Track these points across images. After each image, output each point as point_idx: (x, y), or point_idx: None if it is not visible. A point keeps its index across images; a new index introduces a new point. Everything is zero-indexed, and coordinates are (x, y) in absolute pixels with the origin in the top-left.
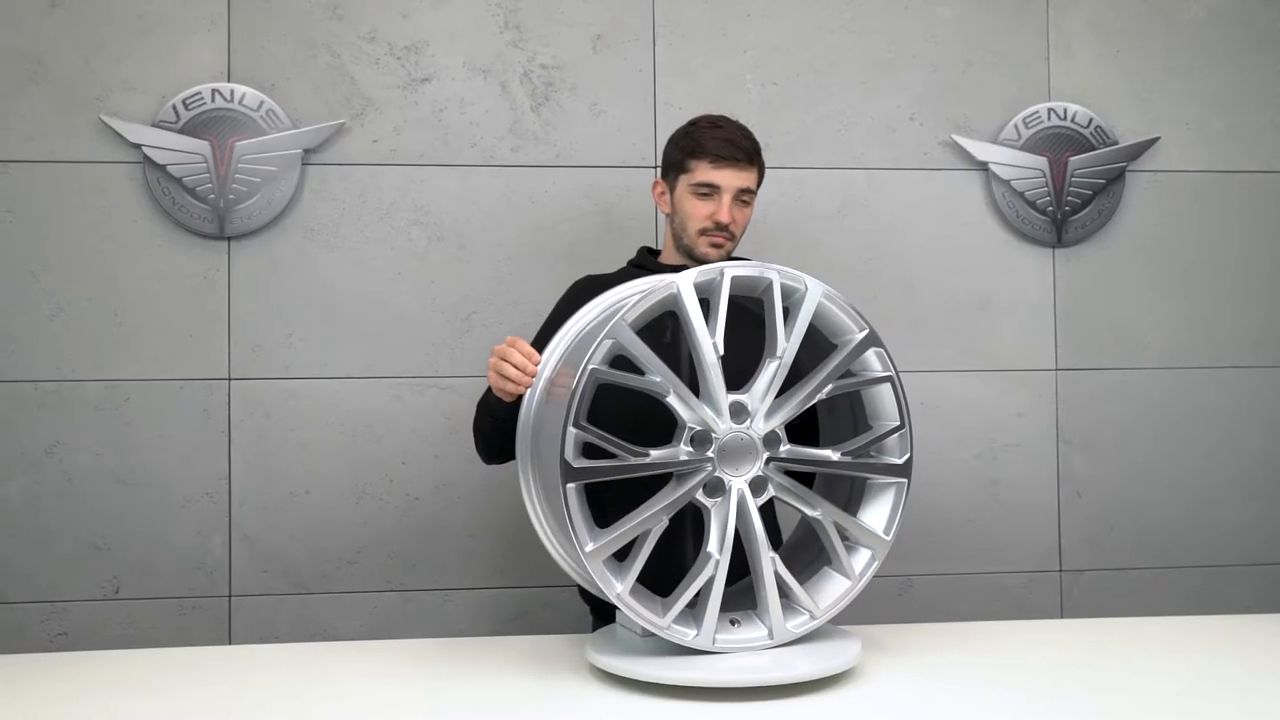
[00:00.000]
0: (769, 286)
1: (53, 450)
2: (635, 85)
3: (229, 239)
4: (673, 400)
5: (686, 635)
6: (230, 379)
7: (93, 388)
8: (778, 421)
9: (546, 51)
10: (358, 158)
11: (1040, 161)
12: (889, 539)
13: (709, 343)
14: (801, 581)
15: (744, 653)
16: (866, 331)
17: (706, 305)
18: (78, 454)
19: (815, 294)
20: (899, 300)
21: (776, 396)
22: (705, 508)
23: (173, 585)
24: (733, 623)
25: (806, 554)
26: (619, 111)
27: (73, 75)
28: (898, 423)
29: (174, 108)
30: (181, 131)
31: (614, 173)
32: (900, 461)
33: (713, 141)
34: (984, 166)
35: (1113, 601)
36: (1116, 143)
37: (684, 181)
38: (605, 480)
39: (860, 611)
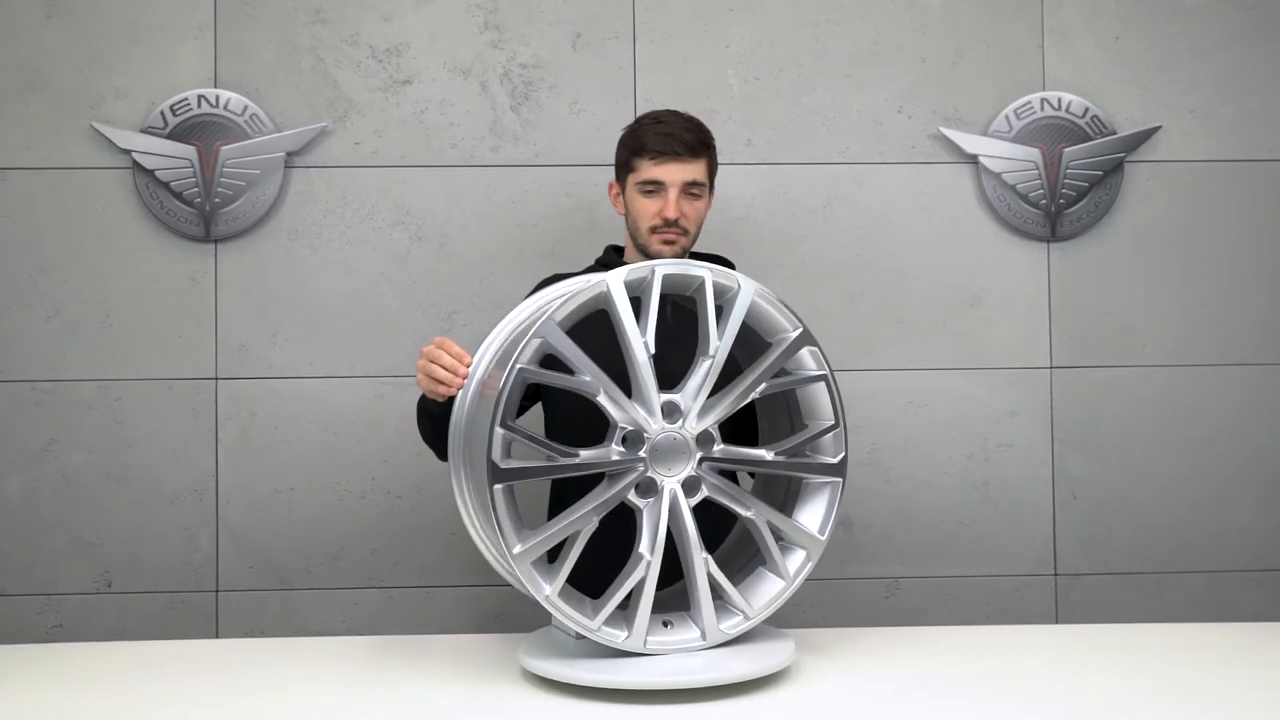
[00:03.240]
0: (701, 285)
1: (49, 448)
2: (615, 83)
3: (215, 241)
4: (603, 400)
5: (617, 637)
6: (217, 378)
7: (86, 387)
8: (710, 421)
9: (526, 51)
10: (340, 160)
11: (1033, 153)
12: (823, 539)
13: (639, 342)
14: (736, 582)
15: (676, 654)
16: (800, 330)
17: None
18: (72, 452)
19: (748, 293)
20: (887, 297)
21: (710, 396)
22: (638, 508)
23: (162, 580)
24: (665, 624)
25: (743, 555)
26: (599, 110)
27: (68, 83)
28: (832, 422)
29: (162, 114)
30: (169, 137)
31: (594, 171)
32: (835, 461)
33: (654, 138)
34: (974, 159)
35: (1111, 607)
36: (1114, 133)
37: (631, 181)
38: (564, 482)
39: (844, 614)
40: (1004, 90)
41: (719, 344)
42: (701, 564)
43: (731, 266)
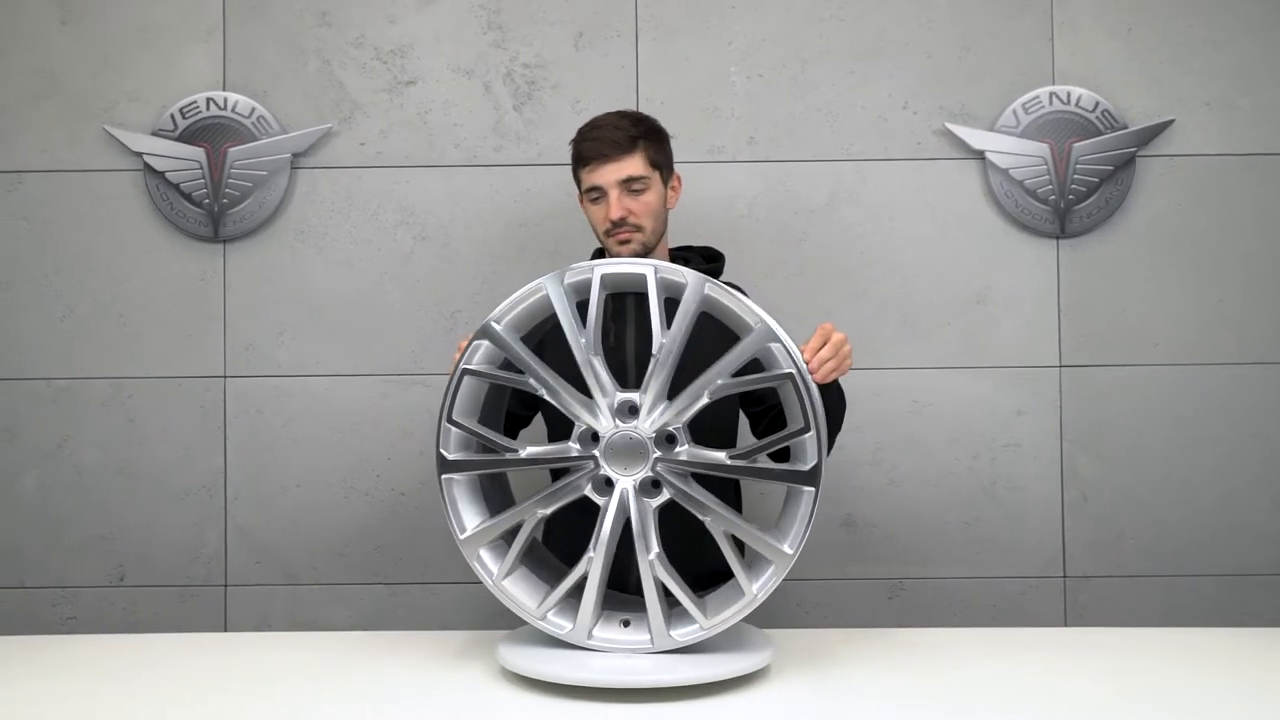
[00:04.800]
0: (650, 282)
1: (63, 444)
2: (618, 82)
3: (224, 242)
4: (548, 398)
5: (563, 628)
6: (226, 377)
7: (99, 385)
8: (663, 421)
9: (529, 51)
10: (345, 161)
11: (1041, 148)
12: (790, 553)
13: (579, 343)
14: (711, 589)
15: (642, 654)
16: (760, 325)
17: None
18: (86, 448)
19: (695, 288)
20: (891, 295)
21: (672, 396)
22: (598, 506)
23: (172, 574)
24: (625, 623)
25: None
26: (602, 108)
27: (81, 88)
28: (801, 425)
29: (172, 116)
30: (179, 139)
31: None
32: (805, 468)
33: (584, 145)
34: (980, 155)
35: (1122, 611)
36: (1125, 127)
37: (581, 191)
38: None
39: (847, 614)
40: (1012, 84)
41: (663, 341)
42: (648, 566)
43: (721, 258)
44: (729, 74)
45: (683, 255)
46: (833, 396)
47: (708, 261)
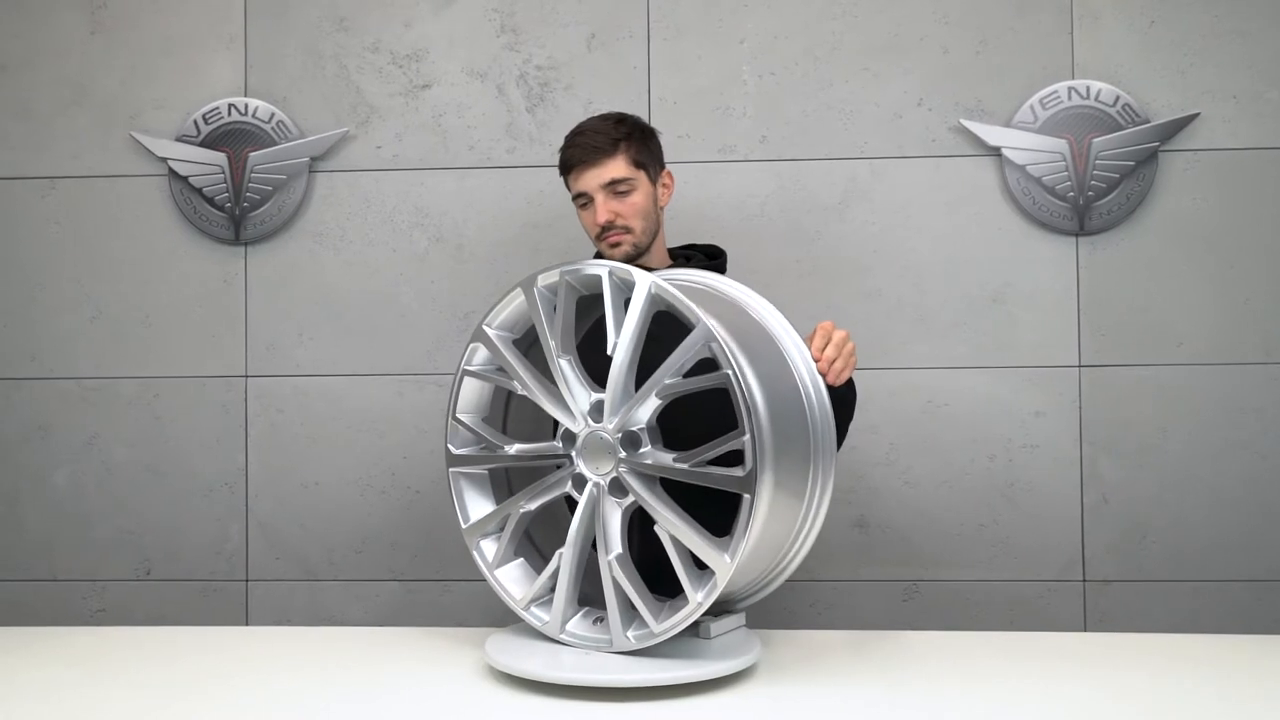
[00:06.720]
0: (605, 284)
1: (93, 442)
2: (630, 82)
3: (245, 244)
4: (527, 396)
5: (542, 620)
6: (247, 376)
7: (127, 384)
8: (619, 421)
9: (542, 53)
10: (362, 164)
11: (1059, 144)
12: (728, 560)
13: (548, 344)
14: (673, 594)
15: (607, 653)
16: (699, 326)
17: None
18: (114, 446)
19: (642, 289)
20: (906, 294)
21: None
22: (576, 502)
23: (196, 568)
24: (597, 620)
25: None
26: (613, 109)
27: (109, 96)
28: (739, 429)
29: (195, 122)
30: (201, 145)
31: None
32: (741, 474)
33: (568, 152)
34: (997, 152)
35: (1144, 617)
36: (1147, 121)
37: (572, 198)
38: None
39: (860, 616)
40: (1032, 80)
41: (616, 340)
42: (606, 567)
43: (723, 255)
44: (741, 72)
45: (685, 254)
46: (846, 396)
47: (710, 259)
